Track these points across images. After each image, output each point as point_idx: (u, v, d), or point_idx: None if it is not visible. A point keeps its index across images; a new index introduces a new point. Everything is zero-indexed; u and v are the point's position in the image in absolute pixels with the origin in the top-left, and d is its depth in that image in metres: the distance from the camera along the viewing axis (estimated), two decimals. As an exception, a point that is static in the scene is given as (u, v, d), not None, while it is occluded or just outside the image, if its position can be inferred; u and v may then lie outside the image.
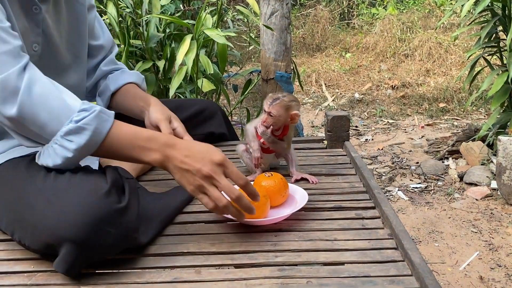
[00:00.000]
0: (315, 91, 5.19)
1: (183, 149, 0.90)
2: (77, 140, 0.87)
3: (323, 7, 6.87)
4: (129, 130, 0.92)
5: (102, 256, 0.84)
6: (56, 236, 0.80)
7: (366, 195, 1.12)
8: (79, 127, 0.86)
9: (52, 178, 0.88)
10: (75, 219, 0.79)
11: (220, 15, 2.12)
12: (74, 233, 0.78)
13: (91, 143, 0.88)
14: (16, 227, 0.88)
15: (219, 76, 2.22)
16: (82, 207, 0.80)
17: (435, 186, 2.83)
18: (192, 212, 1.07)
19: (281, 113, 1.16)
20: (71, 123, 0.87)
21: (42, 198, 0.84)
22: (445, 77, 5.08)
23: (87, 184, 0.85)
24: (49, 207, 0.82)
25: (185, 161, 0.88)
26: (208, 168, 0.87)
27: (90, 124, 0.87)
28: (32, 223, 0.84)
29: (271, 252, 0.89)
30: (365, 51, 6.02)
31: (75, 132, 0.87)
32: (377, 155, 3.39)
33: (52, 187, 0.86)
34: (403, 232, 0.89)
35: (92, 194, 0.82)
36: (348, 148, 1.41)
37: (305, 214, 1.04)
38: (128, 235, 0.85)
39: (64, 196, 0.82)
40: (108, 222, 0.80)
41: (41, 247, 0.85)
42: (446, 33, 5.87)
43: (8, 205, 0.91)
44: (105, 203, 0.81)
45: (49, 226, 0.80)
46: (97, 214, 0.79)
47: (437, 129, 3.91)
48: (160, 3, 2.16)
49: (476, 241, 2.22)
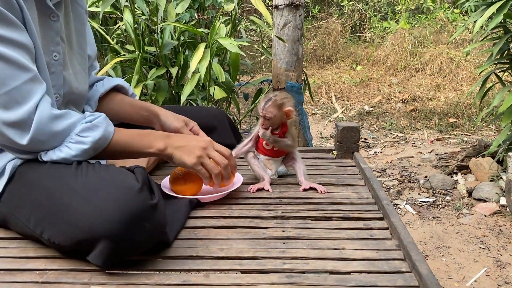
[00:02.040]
0: (324, 102, 5.20)
1: (179, 137, 1.10)
2: (93, 134, 0.98)
3: (335, 20, 6.91)
4: (130, 130, 1.07)
5: (136, 250, 0.88)
6: (93, 232, 0.83)
7: (375, 206, 1.13)
8: (93, 125, 0.99)
9: (83, 176, 0.92)
10: (112, 215, 0.82)
11: (233, 25, 2.15)
12: (111, 228, 0.82)
13: (102, 138, 0.99)
14: (47, 225, 0.90)
15: (230, 84, 2.25)
16: (119, 203, 0.83)
17: (443, 201, 2.81)
18: (201, 217, 1.08)
19: (275, 113, 1.20)
20: (84, 124, 0.98)
21: (76, 196, 0.87)
22: (455, 92, 5.07)
23: (121, 181, 0.89)
24: (84, 205, 0.85)
25: (183, 143, 1.07)
26: (202, 143, 1.08)
27: (102, 123, 1.00)
28: (65, 220, 0.86)
29: (279, 259, 0.89)
30: (375, 64, 6.02)
31: (90, 129, 0.98)
32: (385, 168, 3.38)
33: (84, 185, 0.89)
34: (411, 244, 0.89)
35: (127, 191, 0.86)
36: (358, 159, 1.41)
37: (314, 222, 1.05)
38: (160, 230, 0.90)
39: (100, 194, 0.86)
40: (143, 217, 0.85)
41: (73, 244, 0.87)
42: (457, 48, 5.87)
43: (36, 204, 0.92)
44: (140, 199, 0.86)
45: (85, 223, 0.83)
46: (134, 210, 0.84)
47: (447, 144, 3.89)
48: (175, 12, 2.19)
49: (484, 257, 2.21)
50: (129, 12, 2.08)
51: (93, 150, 0.99)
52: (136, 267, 0.88)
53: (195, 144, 1.07)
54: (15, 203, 0.97)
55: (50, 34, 1.04)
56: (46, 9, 1.02)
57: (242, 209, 1.12)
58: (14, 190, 0.98)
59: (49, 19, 1.04)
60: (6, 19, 0.91)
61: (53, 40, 1.05)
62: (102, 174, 0.92)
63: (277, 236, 0.98)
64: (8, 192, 0.98)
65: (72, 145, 0.96)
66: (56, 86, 1.08)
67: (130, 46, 2.28)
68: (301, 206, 1.13)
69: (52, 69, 1.05)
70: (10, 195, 0.98)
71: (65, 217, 0.87)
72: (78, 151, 0.96)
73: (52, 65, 1.05)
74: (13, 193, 0.98)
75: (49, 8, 1.03)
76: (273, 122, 1.22)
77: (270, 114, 1.19)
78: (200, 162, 1.06)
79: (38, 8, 1.00)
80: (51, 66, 1.05)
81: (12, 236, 1.00)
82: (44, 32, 1.02)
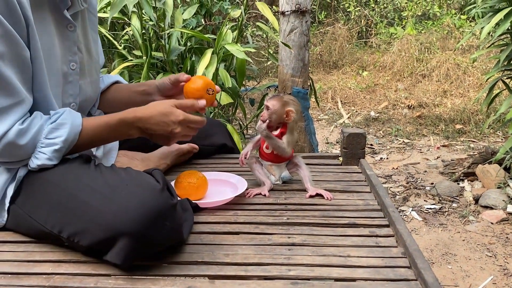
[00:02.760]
0: (330, 107, 5.20)
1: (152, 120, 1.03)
2: (60, 133, 0.98)
3: (341, 25, 6.92)
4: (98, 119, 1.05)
5: (155, 249, 0.90)
6: (116, 230, 0.85)
7: (381, 213, 1.13)
8: (58, 124, 0.98)
9: (102, 177, 0.94)
10: (136, 213, 0.85)
11: (240, 31, 2.16)
12: (134, 226, 0.84)
13: (71, 134, 0.99)
14: (66, 225, 0.92)
15: (237, 90, 2.25)
16: (143, 201, 0.86)
17: (449, 208, 2.80)
18: (207, 223, 1.08)
19: (277, 107, 1.22)
20: (50, 125, 0.97)
21: (97, 195, 0.89)
22: (462, 99, 5.05)
23: (143, 181, 0.91)
24: (106, 203, 0.87)
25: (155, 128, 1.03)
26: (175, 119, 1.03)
27: (67, 119, 0.99)
28: (86, 219, 0.88)
29: (284, 265, 0.89)
30: (382, 70, 6.02)
31: (57, 129, 0.98)
32: (391, 174, 3.37)
33: (105, 185, 0.91)
34: (417, 251, 0.89)
35: (150, 190, 0.89)
36: (364, 165, 1.41)
37: (319, 229, 1.05)
38: (178, 230, 0.93)
39: (122, 193, 0.88)
40: (165, 216, 0.87)
41: (94, 242, 0.88)
42: (464, 54, 5.85)
43: (55, 204, 0.94)
44: (162, 198, 0.89)
45: (107, 220, 0.85)
46: (156, 208, 0.86)
47: (453, 150, 3.87)
48: (182, 17, 2.21)
49: (491, 265, 2.19)
50: (137, 18, 2.10)
51: (66, 148, 0.99)
52: (142, 272, 0.88)
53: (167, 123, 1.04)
54: (31, 205, 0.98)
55: (67, 44, 1.06)
56: (63, 19, 1.04)
57: (247, 215, 1.12)
58: (30, 192, 0.99)
59: (67, 29, 1.06)
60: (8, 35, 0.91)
61: (71, 50, 1.07)
62: (122, 175, 0.95)
63: (283, 243, 0.98)
64: (23, 194, 1.00)
65: (44, 149, 0.97)
66: (73, 95, 1.11)
67: (138, 52, 2.30)
68: (306, 212, 1.13)
69: (69, 79, 1.08)
70: (26, 197, 0.99)
71: (86, 216, 0.89)
72: (52, 153, 0.97)
73: (69, 74, 1.07)
74: (29, 194, 0.99)
75: (66, 19, 1.05)
76: (273, 118, 1.23)
77: (272, 106, 1.21)
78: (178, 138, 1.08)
79: (55, 19, 1.02)
80: (69, 75, 1.07)
81: (19, 240, 1.01)
82: (61, 42, 1.04)
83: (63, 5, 1.03)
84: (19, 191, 1.00)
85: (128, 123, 1.04)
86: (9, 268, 0.90)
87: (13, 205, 1.01)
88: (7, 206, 1.01)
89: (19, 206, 1.00)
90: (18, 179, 1.00)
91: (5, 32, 0.91)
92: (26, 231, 1.02)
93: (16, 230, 1.03)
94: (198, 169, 1.35)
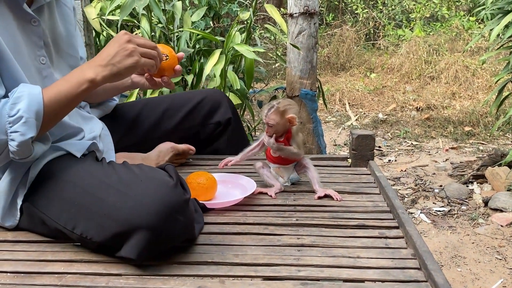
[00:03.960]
0: (338, 109, 5.19)
1: (99, 54, 1.02)
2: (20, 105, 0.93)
3: (349, 27, 6.91)
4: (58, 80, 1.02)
5: (169, 243, 0.91)
6: (131, 224, 0.86)
7: (390, 214, 1.13)
8: (15, 98, 0.93)
9: (116, 173, 0.96)
10: (151, 208, 0.86)
11: (249, 33, 2.17)
12: (149, 220, 0.86)
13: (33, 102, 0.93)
14: (80, 221, 0.93)
15: (245, 91, 2.26)
16: (157, 196, 0.88)
17: (458, 210, 2.78)
18: (216, 223, 1.09)
19: (278, 120, 1.20)
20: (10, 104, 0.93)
21: (112, 190, 0.91)
22: (471, 101, 5.02)
23: (156, 177, 0.93)
24: (121, 198, 0.89)
25: (107, 56, 0.99)
26: (122, 39, 1.00)
27: (22, 91, 0.94)
28: (101, 214, 0.90)
29: (294, 266, 0.90)
30: (390, 72, 6.00)
31: (16, 103, 0.93)
32: (400, 176, 3.36)
33: (120, 181, 0.93)
34: (427, 253, 0.89)
35: (164, 185, 0.90)
36: (373, 167, 1.41)
37: (329, 230, 1.05)
38: (191, 225, 0.95)
39: (137, 188, 0.90)
40: (179, 211, 0.89)
41: (108, 238, 0.90)
42: (473, 56, 5.81)
43: (68, 201, 0.95)
44: (176, 193, 0.90)
45: (122, 215, 0.87)
46: (171, 203, 0.88)
47: (462, 152, 3.85)
48: (191, 20, 2.22)
49: (501, 268, 2.17)
50: (146, 20, 2.11)
51: (34, 118, 0.94)
52: (152, 272, 0.89)
53: (118, 45, 1.00)
54: (44, 202, 0.99)
55: (33, 39, 1.05)
56: (25, 14, 1.02)
57: (256, 215, 1.13)
58: (42, 190, 1.00)
59: (30, 24, 1.04)
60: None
61: (37, 45, 1.06)
62: (135, 171, 0.96)
63: (292, 244, 0.98)
64: (37, 192, 1.01)
65: (14, 127, 0.93)
66: None
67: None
68: (315, 213, 1.13)
69: (44, 73, 1.07)
70: (39, 195, 1.01)
71: (100, 211, 0.90)
72: (21, 126, 0.92)
73: (42, 69, 1.06)
74: (41, 192, 1.00)
75: (27, 14, 1.02)
76: (277, 129, 1.22)
77: (273, 121, 1.20)
78: (138, 55, 1.00)
79: (15, 14, 1.00)
80: (42, 70, 1.07)
81: (31, 240, 1.02)
82: (26, 38, 1.03)
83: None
84: (32, 190, 1.02)
85: (83, 66, 1.01)
86: (22, 267, 0.91)
87: (26, 203, 1.02)
88: (19, 205, 1.02)
89: (32, 204, 1.01)
90: (31, 178, 1.01)
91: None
92: (39, 229, 1.03)
93: (29, 229, 1.05)
94: (206, 170, 1.36)
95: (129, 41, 1.00)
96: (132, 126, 1.48)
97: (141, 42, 1.02)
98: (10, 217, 1.04)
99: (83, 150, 1.07)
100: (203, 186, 1.18)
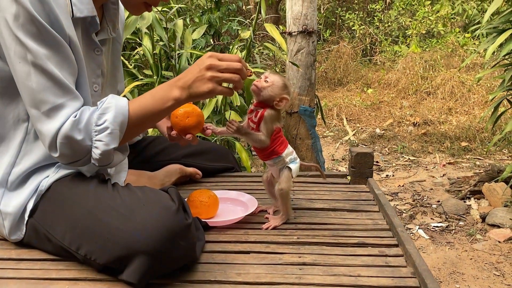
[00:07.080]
0: (336, 124, 5.23)
1: (185, 73, 1.03)
2: (107, 116, 0.97)
3: (346, 44, 6.99)
4: (141, 96, 1.04)
5: (170, 267, 0.92)
6: (133, 248, 0.87)
7: (389, 232, 1.14)
8: (104, 108, 0.98)
9: (120, 197, 0.97)
10: (152, 233, 0.88)
11: (248, 51, 2.20)
12: (151, 245, 0.87)
13: (119, 114, 0.98)
14: (84, 242, 0.94)
15: (245, 108, 2.29)
16: (159, 222, 0.89)
17: (456, 226, 2.79)
18: (218, 242, 1.10)
19: (276, 86, 1.11)
20: (97, 113, 0.97)
21: (115, 214, 0.92)
22: (467, 116, 5.07)
23: (159, 201, 0.94)
24: (124, 222, 0.90)
25: (191, 77, 1.00)
26: (206, 62, 1.00)
27: (110, 102, 0.98)
28: (104, 237, 0.91)
29: (295, 285, 0.91)
30: (387, 87, 6.06)
31: (103, 114, 0.97)
32: (397, 191, 3.38)
33: (123, 205, 0.94)
34: (426, 271, 0.90)
35: (167, 210, 0.91)
36: (372, 184, 1.43)
37: (330, 248, 1.06)
38: (192, 248, 0.95)
39: (140, 212, 0.91)
40: (180, 236, 0.91)
41: (110, 260, 0.91)
42: (469, 72, 5.88)
43: (73, 222, 0.97)
44: (178, 218, 0.92)
45: (125, 239, 0.88)
46: (172, 228, 0.89)
47: (459, 168, 3.88)
48: (191, 37, 2.26)
49: (499, 284, 2.18)
50: (148, 38, 2.15)
51: (118, 129, 0.98)
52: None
53: (198, 71, 1.00)
54: (49, 220, 1.01)
55: (92, 67, 1.10)
56: (92, 43, 1.08)
57: (258, 233, 1.14)
58: (48, 208, 1.02)
59: (93, 53, 1.10)
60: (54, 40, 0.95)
61: (95, 73, 1.11)
62: (138, 195, 0.97)
63: (294, 262, 1.00)
64: (42, 209, 1.02)
65: (99, 136, 0.97)
66: None
67: (148, 71, 2.35)
68: (316, 232, 1.15)
69: (93, 100, 1.11)
70: (44, 213, 1.02)
71: (104, 234, 0.91)
72: (106, 137, 0.97)
73: (92, 95, 1.10)
74: (47, 210, 1.02)
75: (94, 43, 1.09)
76: (265, 94, 1.12)
77: (272, 81, 1.12)
78: (215, 82, 1.00)
79: (84, 41, 1.06)
80: (92, 96, 1.10)
81: (35, 258, 1.03)
82: (88, 64, 1.08)
83: (92, 28, 1.07)
84: (38, 206, 1.03)
85: (168, 84, 1.03)
86: (26, 285, 0.92)
87: (32, 219, 1.03)
88: (26, 220, 1.04)
89: (38, 221, 1.02)
90: (39, 193, 1.03)
91: (57, 42, 0.95)
92: (43, 246, 1.04)
93: (33, 245, 1.06)
94: (208, 187, 1.38)
95: (210, 68, 0.99)
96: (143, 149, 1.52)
97: (223, 66, 1.00)
98: (17, 231, 1.06)
99: (93, 171, 1.09)
100: (205, 204, 1.19)
